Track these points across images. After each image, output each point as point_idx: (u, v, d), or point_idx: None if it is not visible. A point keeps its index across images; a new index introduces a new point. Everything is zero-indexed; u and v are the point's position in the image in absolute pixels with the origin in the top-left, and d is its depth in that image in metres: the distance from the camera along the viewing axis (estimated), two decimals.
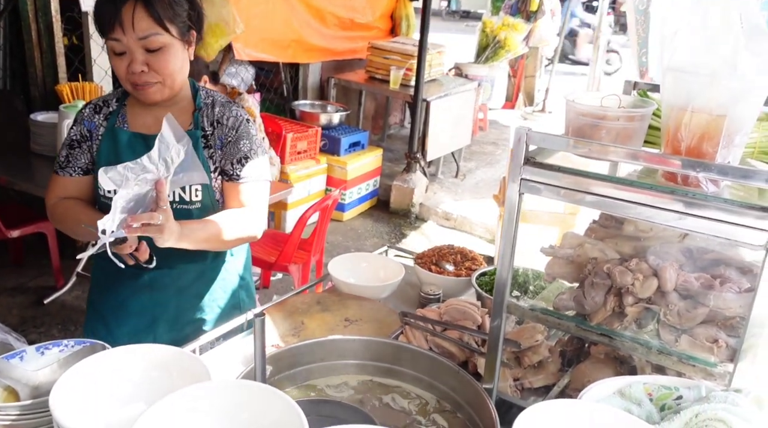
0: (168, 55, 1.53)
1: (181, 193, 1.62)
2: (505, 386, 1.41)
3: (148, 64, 1.52)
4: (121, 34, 1.48)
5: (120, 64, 1.53)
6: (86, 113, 1.68)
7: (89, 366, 1.10)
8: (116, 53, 1.52)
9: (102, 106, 1.69)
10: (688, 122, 1.00)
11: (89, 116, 1.67)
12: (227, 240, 1.64)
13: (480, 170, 6.59)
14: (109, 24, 1.48)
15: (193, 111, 1.68)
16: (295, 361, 1.42)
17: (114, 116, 1.66)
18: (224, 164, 1.68)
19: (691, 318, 1.09)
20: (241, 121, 1.70)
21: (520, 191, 1.17)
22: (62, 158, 1.68)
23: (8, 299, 3.72)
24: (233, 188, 1.69)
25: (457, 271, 2.00)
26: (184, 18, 1.55)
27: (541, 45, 8.76)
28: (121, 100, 1.69)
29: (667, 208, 1.03)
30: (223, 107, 1.70)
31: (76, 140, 1.67)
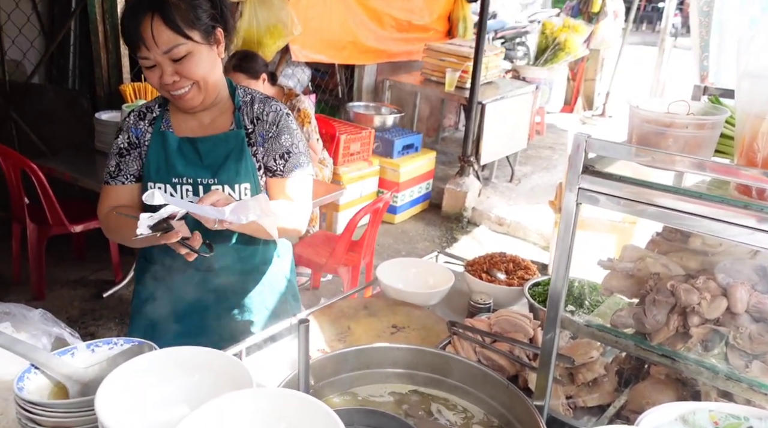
0: (195, 61, 1.53)
1: (230, 192, 1.63)
2: (557, 404, 1.35)
3: (177, 73, 1.53)
4: (145, 51, 1.50)
5: (152, 76, 1.54)
6: (131, 120, 1.69)
7: (135, 366, 1.10)
8: (147, 67, 1.54)
9: (146, 112, 1.69)
10: (765, 131, 0.93)
11: (134, 123, 1.68)
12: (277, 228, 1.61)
13: (536, 175, 6.45)
14: (132, 42, 1.50)
15: (233, 110, 1.69)
16: (339, 368, 1.39)
17: (159, 121, 1.67)
18: (267, 160, 1.69)
19: (765, 343, 1.01)
20: (281, 115, 1.70)
21: (578, 201, 1.11)
22: (112, 167, 1.68)
23: (70, 291, 3.86)
24: (278, 183, 1.70)
25: (509, 280, 1.94)
26: (205, 20, 1.54)
27: (603, 47, 8.52)
28: (163, 106, 1.70)
29: (740, 223, 0.95)
30: (261, 102, 1.70)
31: (124, 148, 1.67)
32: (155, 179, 1.64)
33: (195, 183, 1.64)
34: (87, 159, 3.67)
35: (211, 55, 1.58)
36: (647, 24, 19.08)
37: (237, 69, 3.51)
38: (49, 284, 3.82)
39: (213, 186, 1.63)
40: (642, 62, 10.54)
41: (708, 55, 2.48)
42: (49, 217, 3.49)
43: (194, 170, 1.63)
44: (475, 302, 1.80)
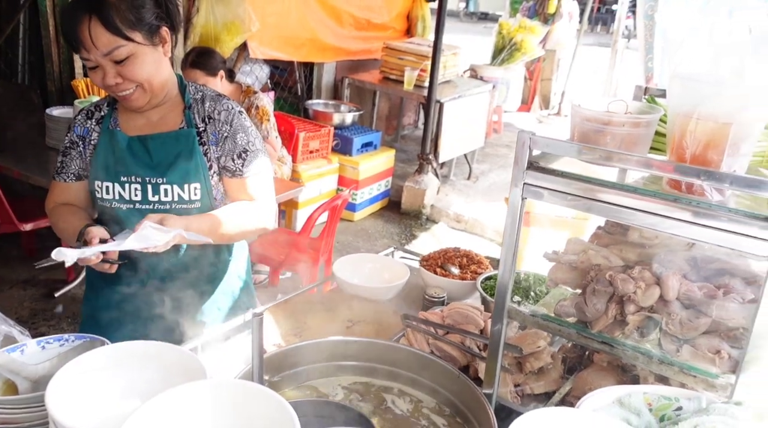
0: (138, 62, 1.50)
1: (180, 192, 1.62)
2: (506, 391, 1.40)
3: (120, 75, 1.50)
4: (85, 53, 1.47)
5: (96, 77, 1.52)
6: (79, 119, 1.68)
7: (87, 361, 1.10)
8: (90, 68, 1.52)
9: (94, 111, 1.68)
10: (693, 129, 0.99)
11: (81, 122, 1.67)
12: (238, 232, 1.65)
13: (493, 173, 6.56)
14: (72, 43, 1.49)
15: (183, 109, 1.66)
16: (295, 361, 1.42)
17: (107, 120, 1.65)
18: (225, 161, 1.67)
19: (693, 328, 1.07)
20: (234, 114, 1.68)
21: (523, 196, 1.16)
22: (58, 164, 1.69)
23: (20, 291, 3.76)
24: (239, 183, 1.69)
25: (462, 274, 1.98)
26: (149, 20, 1.50)
27: (558, 48, 8.72)
28: (112, 104, 1.68)
29: (671, 216, 1.01)
30: (213, 101, 1.68)
31: (69, 145, 1.67)
32: (103, 178, 1.62)
33: (144, 182, 1.61)
34: (37, 156, 3.57)
35: (156, 55, 1.55)
36: (602, 26, 19.57)
37: (194, 66, 3.47)
38: None
39: (162, 186, 1.61)
40: (597, 63, 10.81)
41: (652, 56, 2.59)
42: None
43: (143, 169, 1.61)
44: (430, 296, 1.85)
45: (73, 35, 1.46)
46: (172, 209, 1.61)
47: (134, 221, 1.54)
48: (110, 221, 1.64)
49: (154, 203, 1.61)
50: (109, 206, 1.64)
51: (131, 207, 1.62)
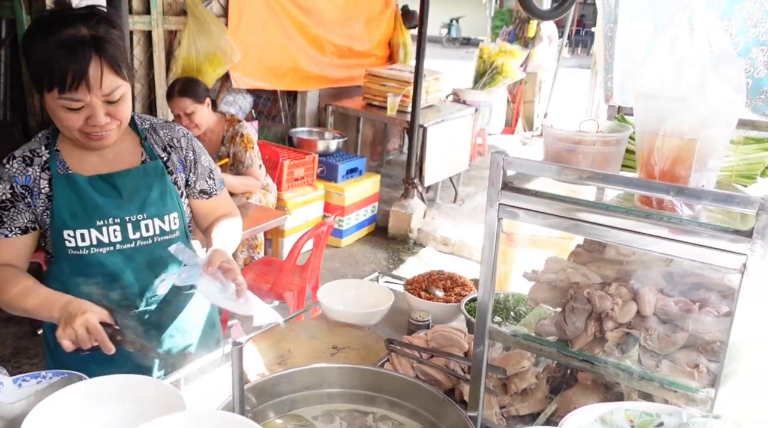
0: (126, 101, 1.47)
1: (161, 224, 1.59)
2: (491, 413, 1.39)
3: (109, 115, 1.44)
4: (85, 94, 1.37)
5: (76, 118, 1.41)
6: (15, 167, 1.49)
7: (62, 398, 1.08)
8: (71, 109, 1.39)
9: (32, 157, 1.51)
10: (660, 146, 1.00)
11: (21, 171, 1.49)
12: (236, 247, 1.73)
13: (479, 195, 6.59)
14: (70, 83, 1.35)
15: (139, 141, 1.62)
16: (278, 390, 1.40)
17: (53, 164, 1.51)
18: (200, 184, 1.70)
19: (671, 343, 1.08)
20: (191, 137, 1.70)
21: (499, 216, 1.17)
22: None
23: (2, 329, 3.70)
24: (215, 202, 1.75)
25: (446, 297, 1.98)
26: (127, 56, 1.47)
27: (539, 71, 8.85)
28: (50, 147, 1.52)
29: (644, 232, 1.03)
30: (165, 128, 1.66)
31: (7, 199, 1.48)
32: (74, 226, 1.50)
33: (123, 222, 1.55)
34: None
35: (130, 91, 1.50)
36: (582, 48, 19.94)
37: (182, 94, 3.50)
38: None
39: (142, 222, 1.57)
40: (578, 84, 10.99)
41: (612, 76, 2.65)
42: None
43: (118, 210, 1.54)
44: (414, 320, 1.84)
45: (78, 74, 1.35)
46: (155, 243, 1.60)
47: (115, 262, 1.54)
48: (83, 268, 1.53)
49: (136, 240, 1.57)
50: (86, 253, 1.52)
51: (111, 249, 1.55)
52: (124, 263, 1.56)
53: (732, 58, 0.97)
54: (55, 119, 1.44)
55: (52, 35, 1.36)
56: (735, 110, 0.97)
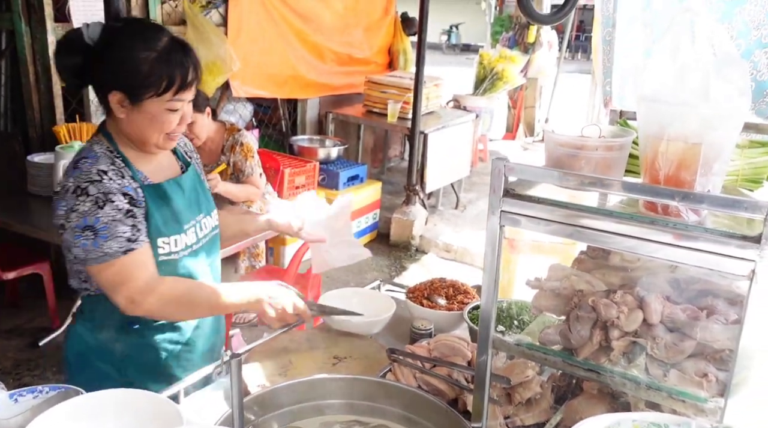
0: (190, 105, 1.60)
1: (212, 222, 1.74)
2: (495, 424, 1.37)
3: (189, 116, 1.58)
4: (187, 95, 1.52)
5: (174, 119, 1.53)
6: (115, 181, 1.49)
7: (58, 413, 1.06)
8: (171, 110, 1.51)
9: (117, 168, 1.52)
10: (664, 150, 0.99)
11: (121, 183, 1.50)
12: None
13: (481, 201, 6.57)
14: (181, 87, 1.49)
15: (173, 150, 1.72)
16: (280, 402, 1.38)
17: (134, 173, 1.55)
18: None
19: (679, 352, 1.05)
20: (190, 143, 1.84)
21: (501, 223, 1.15)
22: (127, 233, 1.47)
23: (3, 341, 3.68)
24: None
25: (449, 305, 1.96)
26: None
27: (540, 76, 8.84)
28: (120, 158, 1.55)
29: (649, 238, 1.00)
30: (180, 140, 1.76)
31: (128, 209, 1.49)
32: (166, 234, 1.56)
33: (196, 223, 1.66)
34: (19, 203, 3.54)
35: None
36: (582, 53, 19.96)
37: None
38: None
39: (202, 220, 1.69)
40: (579, 89, 10.98)
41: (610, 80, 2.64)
42: None
43: (191, 212, 1.65)
44: (416, 329, 1.82)
45: (185, 78, 1.49)
46: (210, 239, 1.73)
47: (194, 262, 1.65)
48: (171, 273, 1.58)
49: (201, 239, 1.69)
50: (175, 258, 1.59)
51: (187, 252, 1.63)
52: (197, 262, 1.67)
53: (736, 61, 0.95)
54: (154, 123, 1.51)
55: (157, 42, 1.47)
56: (740, 113, 0.96)
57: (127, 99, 1.48)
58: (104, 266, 1.46)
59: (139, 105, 1.49)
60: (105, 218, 1.45)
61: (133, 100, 1.48)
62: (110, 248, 1.45)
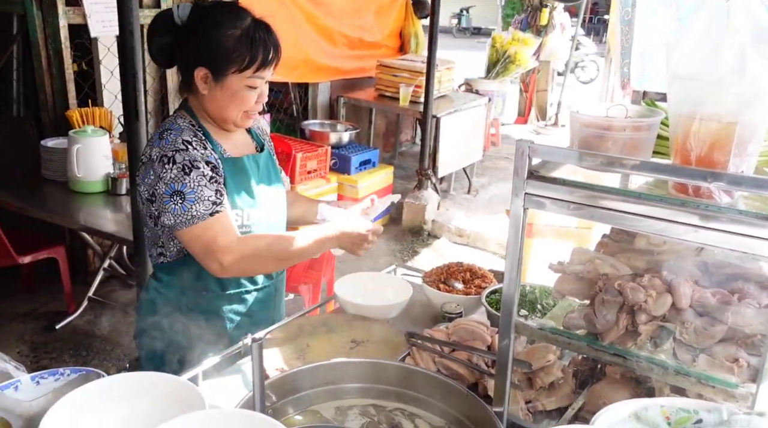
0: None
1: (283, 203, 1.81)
2: (517, 409, 1.36)
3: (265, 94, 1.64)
4: (268, 72, 1.59)
5: (253, 96, 1.60)
6: (198, 151, 1.57)
7: (80, 396, 1.06)
8: (251, 87, 1.58)
9: (200, 140, 1.60)
10: (696, 130, 0.96)
11: (204, 152, 1.58)
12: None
13: (493, 186, 6.54)
14: (263, 64, 1.56)
15: (248, 130, 1.79)
16: (297, 386, 1.37)
17: (215, 147, 1.64)
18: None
19: (709, 336, 1.03)
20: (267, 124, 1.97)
21: (524, 206, 1.12)
22: (212, 196, 1.54)
23: (20, 325, 3.71)
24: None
25: (466, 289, 1.95)
26: None
27: (552, 59, 8.75)
28: (202, 132, 1.63)
29: (679, 221, 0.98)
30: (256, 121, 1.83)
31: (212, 175, 1.57)
32: (241, 206, 1.64)
33: (268, 201, 1.73)
34: (34, 188, 3.55)
35: None
36: (594, 35, 19.70)
37: None
38: None
39: (275, 198, 1.76)
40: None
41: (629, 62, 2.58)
42: None
43: (266, 189, 1.72)
44: (448, 312, 1.80)
45: (267, 56, 1.56)
46: (278, 218, 1.80)
47: None
48: None
49: (271, 217, 1.75)
50: (249, 231, 1.66)
51: (261, 227, 1.69)
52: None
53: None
54: (234, 99, 1.58)
55: (242, 21, 1.56)
56: None
57: (211, 75, 1.57)
58: (193, 229, 1.52)
59: (221, 81, 1.56)
60: (192, 184, 1.52)
61: (216, 76, 1.56)
62: (197, 211, 1.52)
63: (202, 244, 1.53)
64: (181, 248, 1.64)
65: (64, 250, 3.66)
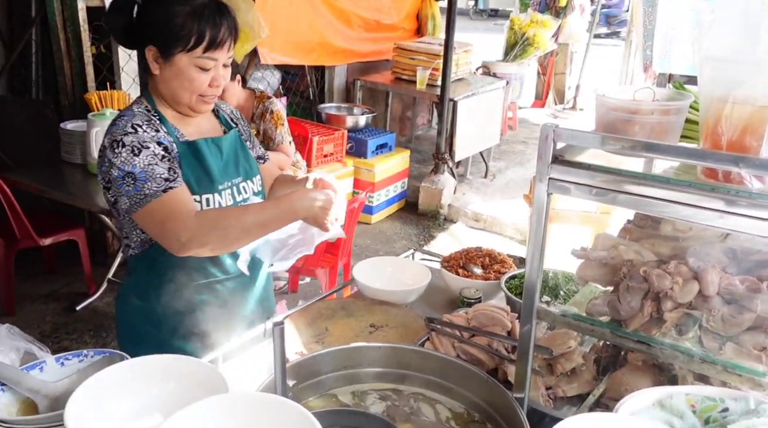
0: (229, 69, 1.60)
1: (252, 186, 1.71)
2: (537, 395, 1.35)
3: (223, 77, 1.57)
4: (219, 53, 1.50)
5: (204, 79, 1.52)
6: (148, 133, 1.52)
7: (105, 377, 1.07)
8: (204, 68, 1.51)
9: (151, 122, 1.55)
10: (729, 114, 0.93)
11: (155, 134, 1.53)
12: None
13: (510, 170, 6.49)
14: (211, 44, 1.49)
15: (215, 114, 1.74)
16: (317, 369, 1.38)
17: (171, 130, 1.57)
18: (255, 151, 1.82)
19: (737, 324, 1.02)
20: (237, 111, 1.84)
21: (548, 191, 1.11)
22: (164, 173, 1.48)
23: (41, 306, 3.77)
24: (269, 163, 1.88)
25: (485, 274, 1.94)
26: None
27: (571, 41, 8.61)
28: (158, 116, 1.58)
29: (708, 207, 0.96)
30: (222, 104, 1.79)
31: (163, 154, 1.51)
32: (200, 191, 1.56)
33: (232, 185, 1.66)
34: (53, 170, 3.59)
35: None
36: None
37: None
38: (19, 300, 3.72)
39: (241, 184, 1.68)
40: (611, 55, 10.68)
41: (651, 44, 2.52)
42: (16, 231, 3.41)
43: (227, 174, 1.65)
44: (466, 297, 1.79)
45: (217, 35, 1.49)
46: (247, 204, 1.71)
47: None
48: None
49: (239, 203, 1.67)
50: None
51: None
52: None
53: None
54: (183, 80, 1.52)
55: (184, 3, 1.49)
56: None
57: (160, 54, 1.51)
58: (147, 209, 1.46)
59: (170, 60, 1.51)
60: (141, 163, 1.47)
61: (164, 55, 1.51)
62: (150, 189, 1.46)
63: (158, 221, 1.47)
64: (144, 239, 1.59)
65: (83, 232, 3.70)
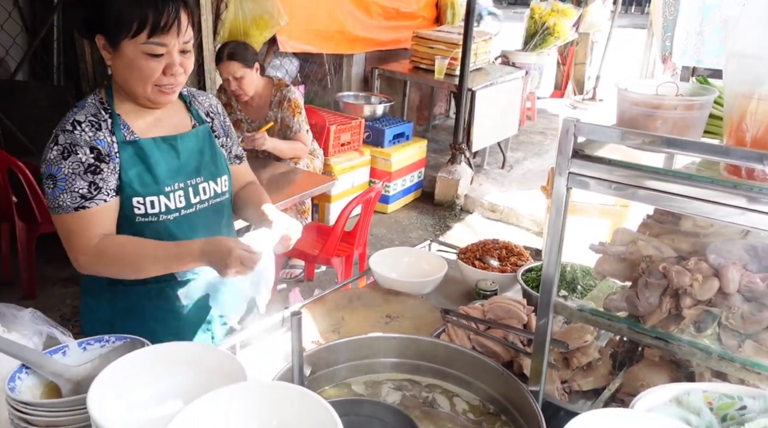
0: (193, 54, 1.50)
1: (215, 187, 1.63)
2: (552, 388, 1.35)
3: (182, 66, 1.45)
4: (172, 38, 1.41)
5: (156, 66, 1.42)
6: (87, 133, 1.44)
7: (127, 363, 1.09)
8: (153, 55, 1.41)
9: (97, 121, 1.46)
10: (754, 110, 0.92)
11: (92, 136, 1.44)
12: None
13: (528, 161, 6.45)
14: (163, 25, 1.39)
15: (186, 106, 1.64)
16: (333, 359, 1.39)
17: (117, 128, 1.48)
18: (234, 149, 1.76)
19: (756, 322, 1.01)
20: (220, 105, 1.76)
21: (568, 186, 1.10)
22: (84, 189, 1.42)
23: (62, 289, 3.83)
24: (245, 166, 1.82)
25: (502, 266, 1.94)
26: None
27: (592, 31, 8.50)
28: (110, 111, 1.49)
29: (730, 203, 0.95)
30: (201, 95, 1.71)
31: (93, 163, 1.43)
32: (144, 193, 1.49)
33: (186, 186, 1.56)
34: None
35: None
36: (636, 6, 19.08)
37: (231, 58, 3.49)
38: (40, 283, 3.79)
39: (200, 185, 1.58)
40: (632, 45, 10.52)
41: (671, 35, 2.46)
42: (37, 215, 3.46)
43: (180, 173, 1.55)
44: (482, 290, 1.79)
45: (167, 19, 1.38)
46: (210, 206, 1.63)
47: (182, 228, 1.56)
48: (151, 237, 1.51)
49: (196, 204, 1.59)
50: (154, 221, 1.52)
51: (177, 215, 1.55)
52: (189, 228, 1.56)
53: None
54: (132, 69, 1.42)
55: None
56: None
57: (108, 43, 1.43)
58: (57, 218, 1.45)
59: (118, 49, 1.42)
60: (65, 170, 1.41)
61: (112, 44, 1.42)
62: (64, 201, 1.42)
63: (64, 235, 1.45)
64: None
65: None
